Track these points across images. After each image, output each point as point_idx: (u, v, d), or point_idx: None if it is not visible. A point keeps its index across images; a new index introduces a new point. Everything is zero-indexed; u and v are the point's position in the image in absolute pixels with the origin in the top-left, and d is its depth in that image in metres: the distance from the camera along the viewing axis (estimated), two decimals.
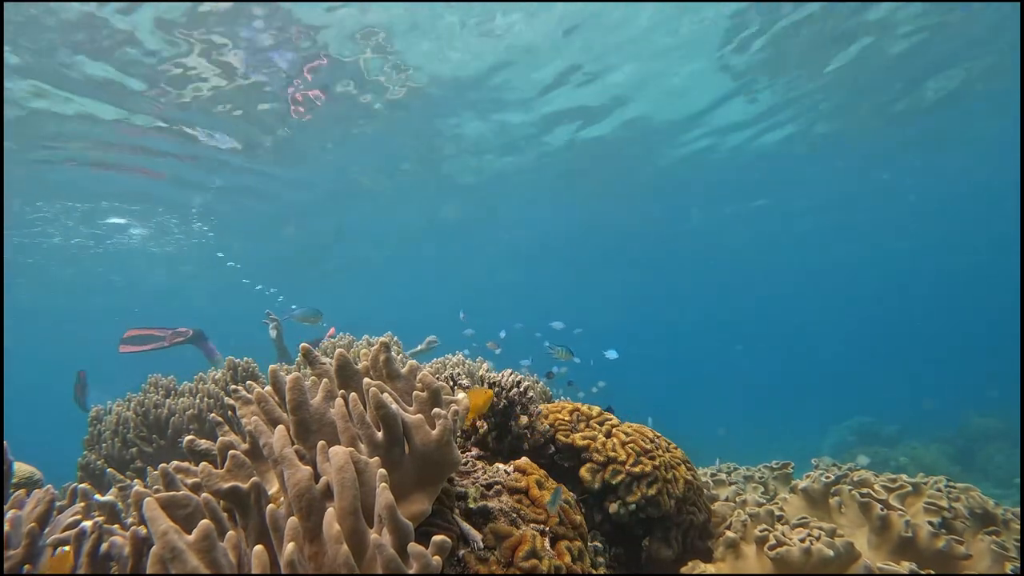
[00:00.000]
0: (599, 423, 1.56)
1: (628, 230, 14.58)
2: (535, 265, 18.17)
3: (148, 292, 14.93)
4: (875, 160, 10.93)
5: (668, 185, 10.95)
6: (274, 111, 5.99)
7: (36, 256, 10.50)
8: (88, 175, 7.16)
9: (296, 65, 5.08)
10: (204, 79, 5.10)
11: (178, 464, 1.00)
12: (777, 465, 1.99)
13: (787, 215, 14.75)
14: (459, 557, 0.99)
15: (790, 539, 1.30)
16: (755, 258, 21.62)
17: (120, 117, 5.69)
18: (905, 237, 20.80)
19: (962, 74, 7.25)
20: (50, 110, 5.37)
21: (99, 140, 6.19)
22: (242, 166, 7.55)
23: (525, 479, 1.20)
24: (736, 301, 33.68)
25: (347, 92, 5.78)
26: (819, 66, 6.50)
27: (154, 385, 2.38)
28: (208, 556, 0.68)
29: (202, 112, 5.77)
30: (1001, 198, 13.79)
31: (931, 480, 1.53)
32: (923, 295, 35.69)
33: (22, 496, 1.06)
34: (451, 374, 1.57)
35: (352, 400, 0.91)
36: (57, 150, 6.32)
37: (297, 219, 10.67)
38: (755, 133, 8.77)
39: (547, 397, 2.44)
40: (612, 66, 6.00)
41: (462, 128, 7.38)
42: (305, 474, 0.78)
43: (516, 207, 11.39)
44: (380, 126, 6.74)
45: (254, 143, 6.82)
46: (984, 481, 6.90)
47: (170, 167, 7.25)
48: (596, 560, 1.31)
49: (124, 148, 6.50)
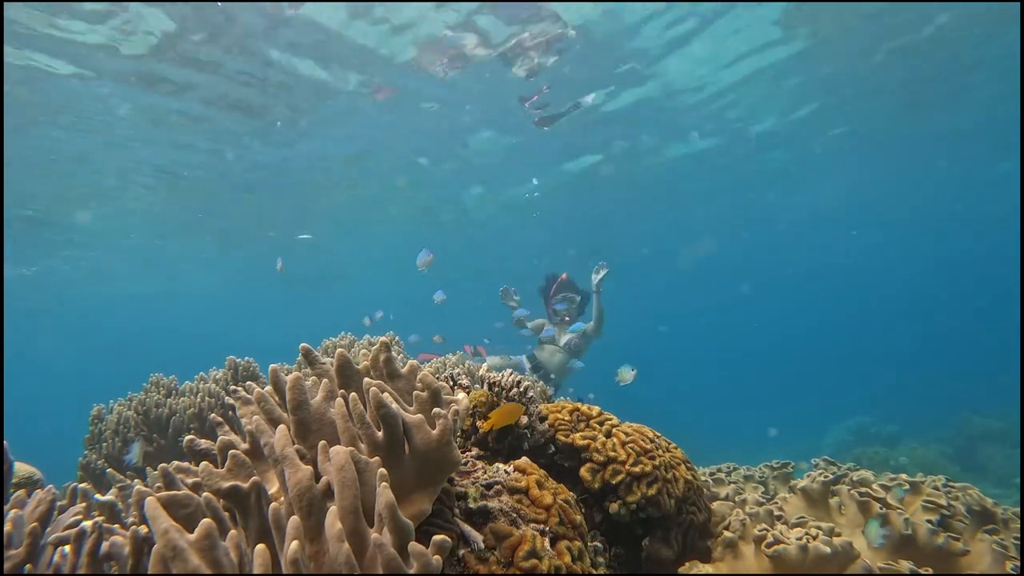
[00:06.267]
0: (599, 423, 1.56)
1: (627, 230, 14.60)
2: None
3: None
4: (875, 160, 10.93)
5: (670, 183, 10.98)
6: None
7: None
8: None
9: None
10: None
11: (178, 464, 1.00)
12: (777, 465, 1.99)
13: (788, 215, 14.76)
14: (459, 557, 0.99)
15: (788, 538, 1.30)
16: (755, 258, 21.62)
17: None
18: (905, 237, 20.80)
19: (968, 70, 7.25)
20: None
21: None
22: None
23: (525, 479, 1.20)
24: (736, 301, 33.66)
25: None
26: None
27: (155, 384, 2.38)
28: (210, 555, 0.68)
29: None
30: (1001, 198, 13.79)
31: (929, 479, 1.53)
32: (923, 295, 35.69)
33: (23, 496, 1.06)
34: (451, 374, 1.57)
35: (352, 400, 0.91)
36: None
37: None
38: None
39: (547, 397, 2.44)
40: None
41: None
42: (306, 473, 0.78)
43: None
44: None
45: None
46: (984, 481, 6.90)
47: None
48: (596, 560, 1.31)
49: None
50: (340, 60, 5.63)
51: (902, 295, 35.46)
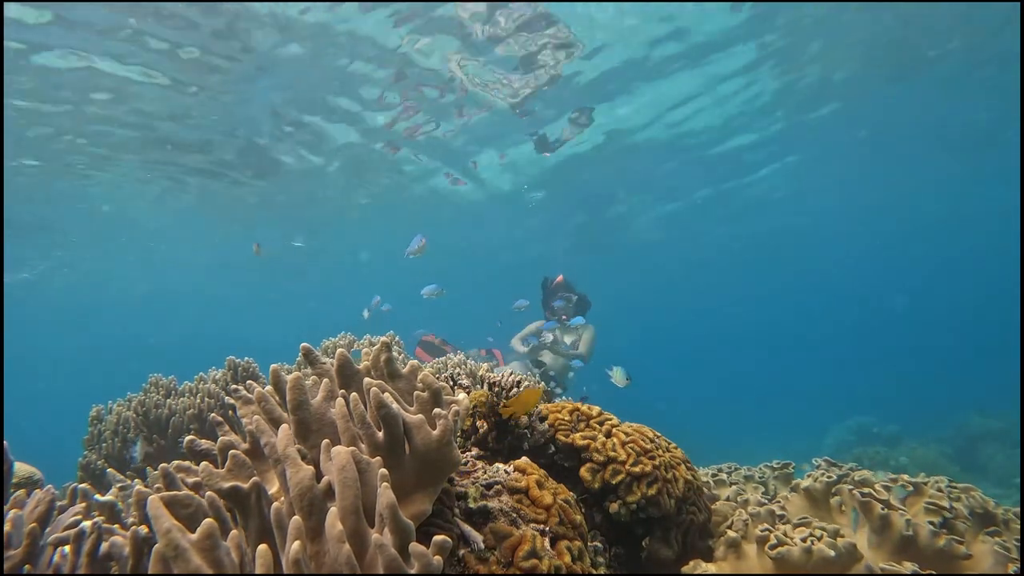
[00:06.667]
0: (599, 423, 1.56)
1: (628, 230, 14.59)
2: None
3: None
4: (876, 160, 10.93)
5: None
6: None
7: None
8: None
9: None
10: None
11: (179, 463, 1.00)
12: (778, 465, 1.99)
13: (787, 215, 14.76)
14: (459, 557, 0.99)
15: (792, 539, 1.30)
16: (755, 258, 21.62)
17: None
18: (905, 237, 20.79)
19: (968, 70, 7.23)
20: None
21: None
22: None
23: (525, 479, 1.20)
24: (736, 301, 33.66)
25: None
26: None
27: (155, 385, 2.38)
28: (211, 555, 0.68)
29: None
30: (1001, 198, 13.79)
31: (932, 480, 1.53)
32: (923, 295, 35.70)
33: (22, 496, 1.06)
34: (451, 374, 1.57)
35: (353, 400, 0.91)
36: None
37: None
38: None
39: (547, 397, 2.43)
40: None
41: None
42: (307, 473, 0.78)
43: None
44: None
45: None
46: (984, 481, 6.90)
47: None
48: (596, 560, 1.31)
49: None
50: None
51: (903, 295, 35.47)
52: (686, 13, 5.36)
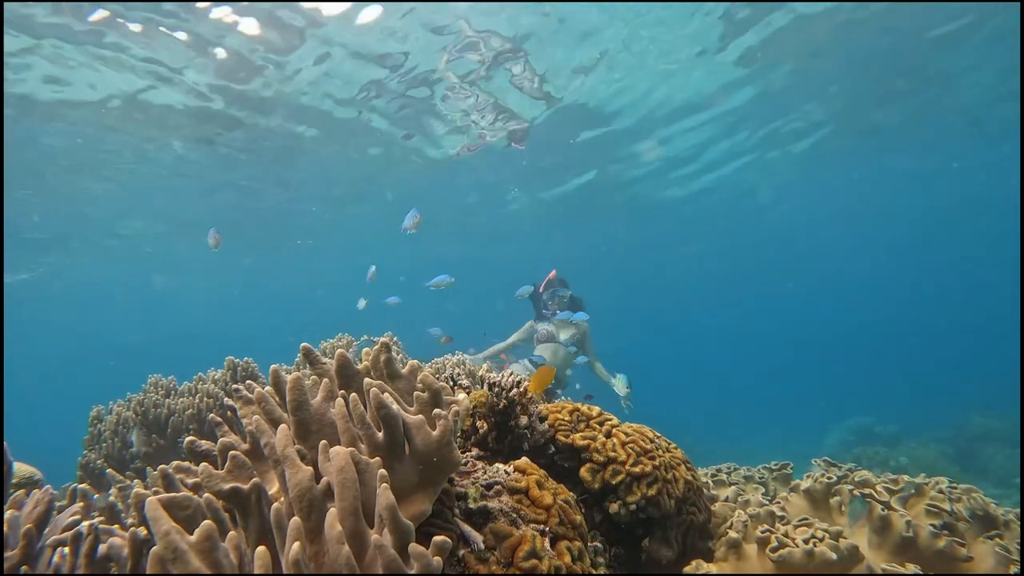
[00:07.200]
0: (599, 423, 1.55)
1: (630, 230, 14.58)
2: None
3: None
4: (876, 160, 10.93)
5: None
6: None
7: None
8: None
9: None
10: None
11: (178, 464, 1.00)
12: (776, 466, 1.99)
13: (787, 216, 14.75)
14: (459, 557, 0.98)
15: (793, 540, 1.29)
16: (755, 258, 21.61)
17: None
18: (905, 237, 20.78)
19: (968, 71, 7.24)
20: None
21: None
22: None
23: (525, 479, 1.19)
24: (735, 301, 33.66)
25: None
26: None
27: (154, 385, 2.38)
28: (210, 557, 0.67)
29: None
30: (1001, 198, 13.79)
31: (933, 481, 1.53)
32: (923, 295, 35.69)
33: (22, 497, 1.05)
34: (451, 374, 1.57)
35: (353, 400, 0.91)
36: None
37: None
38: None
39: (547, 397, 2.43)
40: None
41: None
42: (306, 474, 0.78)
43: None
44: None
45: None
46: (984, 481, 6.90)
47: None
48: (596, 560, 1.31)
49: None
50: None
51: (903, 295, 35.46)
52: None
